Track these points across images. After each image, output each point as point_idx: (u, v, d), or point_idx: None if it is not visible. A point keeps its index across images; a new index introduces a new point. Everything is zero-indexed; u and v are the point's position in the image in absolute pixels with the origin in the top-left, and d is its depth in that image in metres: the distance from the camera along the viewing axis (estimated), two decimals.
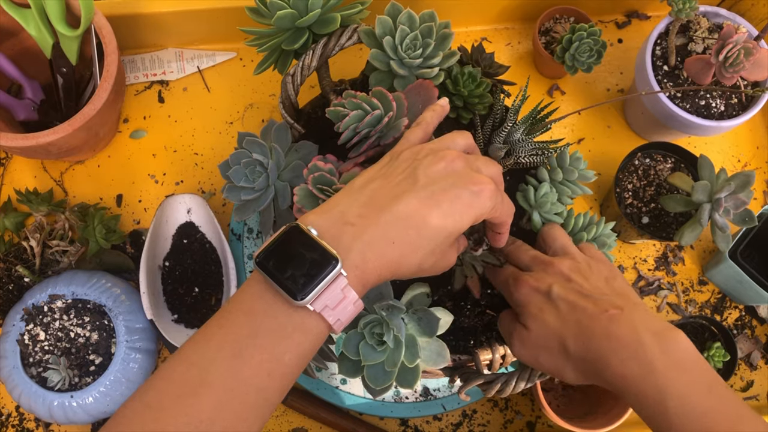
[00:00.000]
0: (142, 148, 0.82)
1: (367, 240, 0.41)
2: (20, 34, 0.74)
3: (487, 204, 0.44)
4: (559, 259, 0.52)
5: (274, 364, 0.40)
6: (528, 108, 0.60)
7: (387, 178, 0.44)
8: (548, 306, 0.49)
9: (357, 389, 0.73)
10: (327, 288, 0.40)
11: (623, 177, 0.75)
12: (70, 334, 0.68)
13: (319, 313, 0.41)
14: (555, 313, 0.48)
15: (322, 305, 0.40)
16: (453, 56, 0.58)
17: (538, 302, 0.49)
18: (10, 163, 0.81)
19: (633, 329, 0.45)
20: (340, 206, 0.43)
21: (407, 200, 0.42)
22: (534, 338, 0.49)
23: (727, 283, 0.80)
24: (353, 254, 0.41)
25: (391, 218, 0.42)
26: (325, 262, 0.40)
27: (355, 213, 0.42)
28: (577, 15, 0.83)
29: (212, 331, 0.41)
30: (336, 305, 0.41)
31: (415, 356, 0.49)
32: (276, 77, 0.85)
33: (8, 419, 0.73)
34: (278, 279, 0.40)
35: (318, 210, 0.44)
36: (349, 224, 0.42)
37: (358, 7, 0.60)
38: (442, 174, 0.44)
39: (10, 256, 0.73)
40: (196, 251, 0.76)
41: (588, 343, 0.46)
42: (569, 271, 0.50)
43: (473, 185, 0.43)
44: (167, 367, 0.40)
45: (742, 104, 0.74)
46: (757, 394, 0.79)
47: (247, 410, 0.40)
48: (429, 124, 0.50)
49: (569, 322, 0.47)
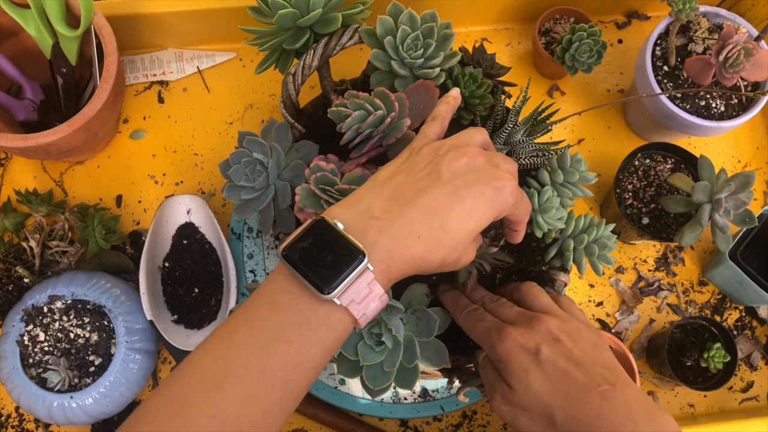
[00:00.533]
0: (142, 149, 0.82)
1: (393, 234, 0.41)
2: (20, 34, 0.74)
3: (509, 200, 0.44)
4: (546, 316, 0.49)
5: (300, 358, 0.40)
6: (528, 109, 0.60)
7: (410, 172, 0.44)
8: (535, 368, 0.46)
9: (356, 389, 0.73)
10: (354, 282, 0.40)
11: (623, 177, 0.75)
12: (69, 335, 0.68)
13: (346, 307, 0.40)
14: (542, 377, 0.45)
15: (348, 299, 0.40)
16: (454, 57, 0.58)
17: (524, 361, 0.46)
18: (9, 163, 0.80)
19: (627, 410, 0.43)
20: (365, 200, 0.43)
21: (432, 194, 0.42)
22: (517, 400, 0.46)
23: (727, 283, 0.80)
24: (379, 248, 0.41)
25: (416, 212, 0.42)
26: (351, 256, 0.40)
27: (380, 207, 0.42)
28: (577, 15, 0.83)
29: (238, 324, 0.41)
30: (362, 299, 0.41)
31: (413, 357, 0.49)
32: (276, 77, 0.84)
33: (8, 420, 0.73)
34: (305, 272, 0.40)
35: (343, 203, 0.44)
36: (375, 218, 0.42)
37: (360, 7, 0.60)
38: (465, 170, 0.44)
39: (10, 257, 0.73)
40: (195, 252, 0.76)
41: (577, 416, 0.43)
42: (558, 330, 0.48)
43: (496, 181, 0.43)
44: (193, 360, 0.40)
45: (742, 105, 0.74)
46: (757, 395, 0.79)
47: (272, 403, 0.39)
48: (444, 118, 0.50)
49: (558, 390, 0.45)
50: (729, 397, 0.78)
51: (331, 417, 0.73)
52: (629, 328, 0.79)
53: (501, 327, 0.48)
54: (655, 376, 0.78)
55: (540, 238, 0.59)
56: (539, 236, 0.58)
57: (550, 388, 0.45)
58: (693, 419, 0.77)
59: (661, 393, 0.78)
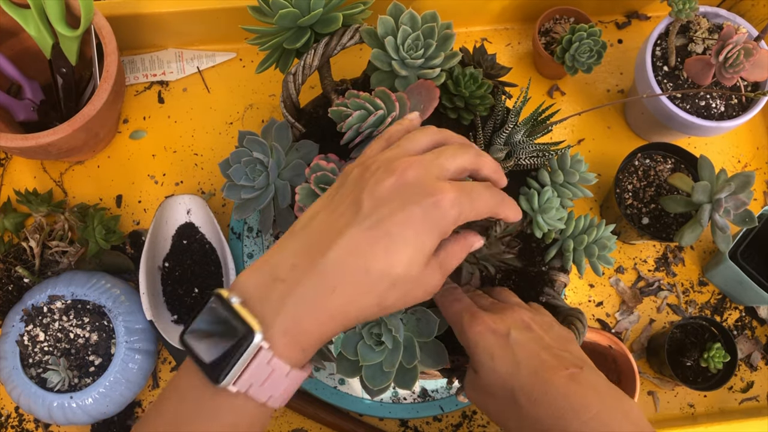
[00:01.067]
0: (142, 149, 0.82)
1: (300, 296, 0.37)
2: (20, 34, 0.74)
3: (450, 213, 0.38)
4: (519, 308, 0.48)
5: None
6: (529, 109, 0.60)
7: (331, 209, 0.39)
8: (503, 351, 0.44)
9: (356, 389, 0.73)
10: (249, 365, 0.36)
11: (623, 178, 0.75)
12: (69, 335, 0.68)
13: (245, 393, 0.37)
14: (509, 359, 0.44)
15: (246, 384, 0.36)
16: (455, 57, 0.58)
17: (492, 345, 0.45)
18: (9, 163, 0.80)
19: (595, 391, 0.43)
20: (274, 258, 0.39)
21: (348, 236, 0.37)
22: (483, 384, 0.45)
23: (727, 283, 0.80)
24: (282, 318, 0.36)
25: (328, 263, 0.37)
26: (242, 337, 0.36)
27: (288, 264, 0.38)
28: (577, 15, 0.83)
29: (152, 416, 0.39)
30: (264, 381, 0.37)
31: (413, 357, 0.49)
32: (276, 77, 0.84)
33: (8, 420, 0.73)
34: (197, 360, 0.37)
35: (253, 266, 0.39)
36: (279, 280, 0.37)
37: (360, 7, 0.60)
38: (391, 192, 0.38)
39: (10, 257, 0.73)
40: (195, 252, 0.76)
41: (543, 397, 0.42)
42: (530, 320, 0.47)
43: (428, 197, 0.38)
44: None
45: (742, 105, 0.74)
46: (757, 395, 0.79)
47: None
48: (392, 138, 0.44)
49: (523, 371, 0.43)
50: (729, 397, 0.78)
51: (331, 417, 0.73)
52: (629, 328, 0.79)
53: (474, 311, 0.47)
54: (655, 376, 0.78)
55: (540, 239, 0.59)
56: (539, 236, 0.58)
57: (515, 369, 0.44)
58: (693, 419, 0.77)
59: (661, 393, 0.78)
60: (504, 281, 0.59)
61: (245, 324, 0.36)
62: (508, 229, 0.55)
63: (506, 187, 0.61)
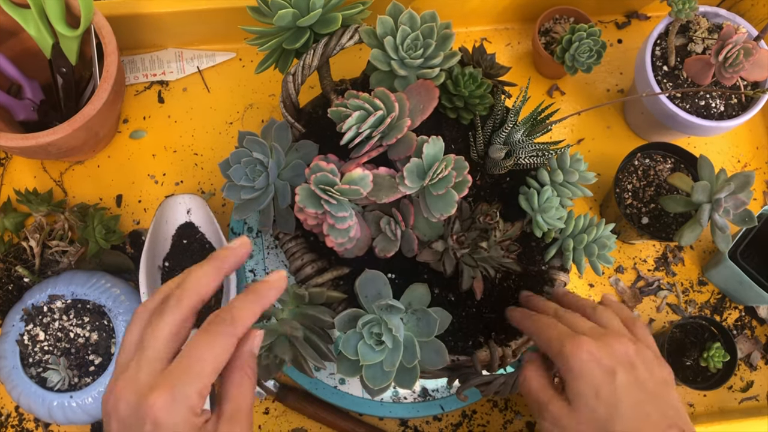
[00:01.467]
0: (142, 149, 0.82)
1: None
2: (20, 34, 0.74)
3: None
4: (622, 337, 0.46)
5: None
6: (528, 109, 0.60)
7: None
8: (608, 391, 0.43)
9: (355, 389, 0.73)
10: None
11: (623, 177, 0.75)
12: (69, 335, 0.68)
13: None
14: (612, 402, 0.42)
15: None
16: (454, 57, 0.58)
17: (599, 382, 0.43)
18: (9, 163, 0.81)
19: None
20: None
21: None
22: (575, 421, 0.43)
23: (726, 283, 0.80)
24: None
25: None
26: None
27: None
28: (576, 15, 0.83)
29: None
30: None
31: (413, 357, 0.49)
32: (275, 77, 0.85)
33: (8, 419, 0.73)
34: None
35: None
36: None
37: (360, 7, 0.60)
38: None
39: (10, 257, 0.73)
40: (195, 252, 0.76)
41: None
42: (635, 355, 0.45)
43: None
44: None
45: (742, 104, 0.74)
46: (757, 395, 0.79)
47: None
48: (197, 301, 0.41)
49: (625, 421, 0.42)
50: (729, 396, 0.79)
51: (331, 416, 0.73)
52: None
53: (574, 335, 0.45)
54: None
55: (540, 238, 0.59)
56: (539, 236, 0.58)
57: (615, 414, 0.42)
58: (693, 419, 0.77)
59: None
60: (504, 280, 0.59)
61: None
62: (507, 234, 0.55)
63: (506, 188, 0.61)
